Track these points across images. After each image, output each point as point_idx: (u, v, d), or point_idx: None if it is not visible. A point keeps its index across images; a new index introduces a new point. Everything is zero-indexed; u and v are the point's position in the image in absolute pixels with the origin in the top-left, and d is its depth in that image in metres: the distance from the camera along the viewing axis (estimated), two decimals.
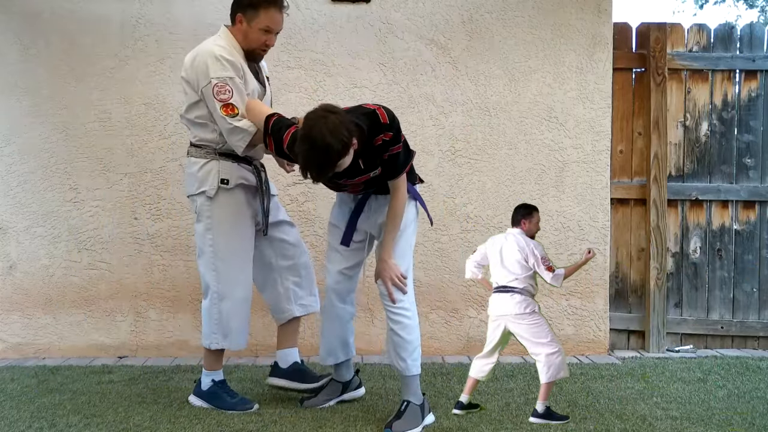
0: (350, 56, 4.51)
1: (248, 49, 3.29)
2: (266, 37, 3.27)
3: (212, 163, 3.29)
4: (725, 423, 3.19)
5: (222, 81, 3.15)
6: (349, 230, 3.26)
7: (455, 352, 4.52)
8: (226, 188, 3.28)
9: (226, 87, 3.16)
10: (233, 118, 3.16)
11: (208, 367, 3.42)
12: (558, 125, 4.58)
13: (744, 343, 4.78)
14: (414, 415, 3.09)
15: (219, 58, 3.17)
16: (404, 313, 3.13)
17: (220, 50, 3.20)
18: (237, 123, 3.16)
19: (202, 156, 3.31)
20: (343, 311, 3.35)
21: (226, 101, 3.15)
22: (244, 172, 3.34)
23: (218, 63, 3.16)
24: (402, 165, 3.06)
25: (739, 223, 4.78)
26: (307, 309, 3.59)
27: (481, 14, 4.54)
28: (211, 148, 3.30)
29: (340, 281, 3.31)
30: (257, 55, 3.34)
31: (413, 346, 3.15)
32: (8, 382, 3.87)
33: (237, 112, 3.17)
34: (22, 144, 4.48)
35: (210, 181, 3.27)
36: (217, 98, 3.15)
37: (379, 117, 2.94)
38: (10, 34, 4.45)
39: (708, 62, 4.75)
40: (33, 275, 4.49)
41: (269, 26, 3.25)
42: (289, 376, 3.50)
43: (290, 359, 3.54)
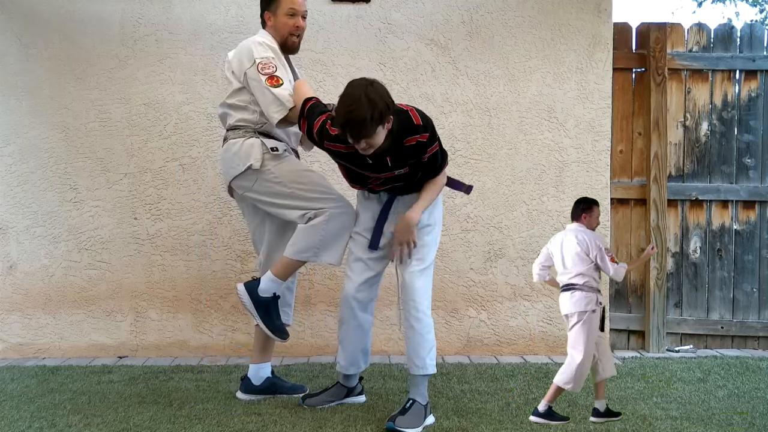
0: (350, 56, 4.51)
1: (282, 40, 3.40)
2: (293, 20, 3.38)
3: (253, 138, 3.33)
4: (725, 423, 3.20)
5: (265, 59, 3.26)
6: (377, 232, 3.25)
7: (455, 352, 4.52)
8: (276, 154, 3.31)
9: (269, 63, 3.26)
10: (276, 87, 3.22)
11: (280, 273, 3.30)
12: (558, 125, 4.58)
13: (744, 343, 4.78)
14: (418, 414, 3.10)
15: (261, 43, 3.32)
16: (425, 311, 3.16)
17: (261, 39, 3.35)
18: (278, 91, 3.22)
19: (241, 135, 3.34)
20: (365, 321, 3.33)
21: (271, 74, 3.24)
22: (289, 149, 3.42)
23: (260, 46, 3.30)
24: (441, 164, 3.13)
25: (739, 223, 4.78)
26: (287, 318, 3.56)
27: (481, 14, 4.54)
28: (251, 128, 3.35)
29: (362, 290, 3.28)
30: (291, 44, 3.43)
31: (430, 345, 3.17)
32: (8, 382, 3.87)
33: (281, 82, 3.24)
34: (22, 144, 4.48)
35: (254, 154, 3.29)
36: (262, 72, 3.24)
37: (411, 118, 2.97)
38: (10, 34, 4.45)
39: (708, 62, 4.75)
40: (33, 275, 4.49)
41: (292, 8, 3.38)
42: (263, 392, 3.51)
43: (263, 375, 3.53)
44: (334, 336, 4.41)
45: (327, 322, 4.50)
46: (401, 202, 3.23)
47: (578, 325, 3.14)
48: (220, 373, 4.05)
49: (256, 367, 3.54)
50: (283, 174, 3.31)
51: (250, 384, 3.53)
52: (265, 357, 3.57)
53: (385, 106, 2.83)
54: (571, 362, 3.14)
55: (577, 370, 3.12)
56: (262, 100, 3.26)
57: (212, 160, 4.46)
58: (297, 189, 3.30)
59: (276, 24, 3.38)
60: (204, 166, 4.48)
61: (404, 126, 2.96)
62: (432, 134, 3.02)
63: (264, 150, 3.30)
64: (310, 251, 3.29)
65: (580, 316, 3.14)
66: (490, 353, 4.55)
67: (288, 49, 3.43)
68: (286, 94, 3.23)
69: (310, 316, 4.53)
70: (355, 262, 3.30)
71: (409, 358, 3.18)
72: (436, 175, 3.16)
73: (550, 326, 4.59)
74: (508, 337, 4.58)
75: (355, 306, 3.29)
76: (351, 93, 2.84)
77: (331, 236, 3.29)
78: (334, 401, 3.42)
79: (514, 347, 4.59)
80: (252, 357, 3.60)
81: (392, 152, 3.00)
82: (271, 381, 3.56)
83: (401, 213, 3.19)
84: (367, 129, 2.82)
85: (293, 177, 3.32)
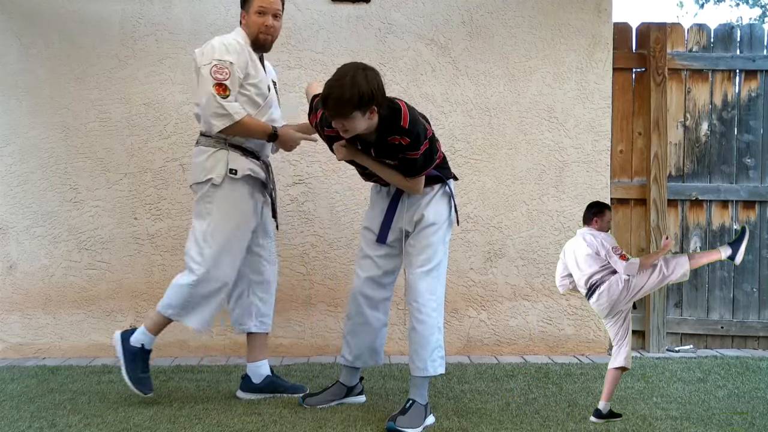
0: (350, 56, 4.50)
1: (253, 37, 3.41)
2: (262, 19, 3.39)
3: (221, 152, 3.34)
4: (725, 423, 3.20)
5: (223, 63, 3.25)
6: (386, 226, 3.24)
7: (455, 352, 4.52)
8: (233, 177, 3.33)
9: (224, 68, 3.25)
10: (224, 98, 3.23)
11: (151, 327, 3.37)
12: (558, 125, 4.58)
13: (744, 343, 4.78)
14: (418, 415, 3.09)
15: (227, 44, 3.31)
16: (429, 313, 3.14)
17: (231, 40, 3.35)
18: (224, 102, 3.23)
19: (211, 145, 3.35)
20: (373, 318, 3.32)
21: (221, 81, 3.24)
22: (253, 165, 3.39)
23: (224, 48, 3.30)
24: (419, 169, 3.08)
25: (739, 223, 4.78)
26: (266, 327, 3.60)
27: (481, 14, 4.54)
28: (222, 138, 3.34)
29: (371, 288, 3.28)
30: (263, 42, 3.43)
31: (432, 347, 3.15)
32: (8, 382, 3.87)
33: (228, 93, 3.24)
34: (22, 144, 4.48)
35: (218, 170, 3.32)
36: (213, 76, 3.23)
37: (400, 118, 2.94)
38: (10, 34, 4.45)
39: (708, 62, 4.75)
40: (33, 275, 4.49)
41: (262, 6, 3.39)
42: (263, 390, 3.52)
43: (263, 372, 3.55)
44: (334, 336, 4.42)
45: (327, 322, 4.50)
46: (411, 197, 3.21)
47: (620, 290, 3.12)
48: (220, 373, 4.05)
49: (254, 366, 3.56)
50: (219, 208, 3.34)
51: (249, 382, 3.54)
52: (260, 355, 3.59)
53: (369, 92, 2.80)
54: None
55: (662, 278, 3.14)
56: (204, 104, 3.26)
57: None
58: (210, 231, 3.34)
59: (248, 22, 3.41)
60: None
61: (391, 123, 2.94)
62: (414, 141, 2.96)
63: (226, 169, 3.32)
64: (174, 309, 3.36)
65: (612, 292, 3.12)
66: (490, 353, 4.55)
67: (260, 47, 3.44)
68: (235, 105, 3.26)
69: (310, 316, 4.53)
70: (363, 258, 3.31)
71: (411, 358, 3.18)
72: (411, 176, 3.09)
73: (550, 326, 4.59)
74: (508, 337, 4.58)
75: (362, 302, 3.29)
76: (341, 70, 2.86)
77: (196, 301, 3.34)
78: (334, 401, 3.41)
79: (514, 347, 4.59)
80: (248, 356, 3.61)
81: (377, 145, 3.00)
82: (270, 379, 3.57)
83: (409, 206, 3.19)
84: (344, 108, 2.81)
85: (221, 219, 3.34)
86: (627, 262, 3.13)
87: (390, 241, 3.26)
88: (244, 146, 3.38)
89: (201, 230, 3.36)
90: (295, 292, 4.51)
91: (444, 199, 3.24)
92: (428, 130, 3.06)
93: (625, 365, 3.18)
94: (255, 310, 3.57)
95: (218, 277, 3.36)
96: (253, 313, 3.57)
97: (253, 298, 3.57)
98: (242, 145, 3.37)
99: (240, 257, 3.43)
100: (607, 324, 3.24)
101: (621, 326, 3.19)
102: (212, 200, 3.35)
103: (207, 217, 3.35)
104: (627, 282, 3.11)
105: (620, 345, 3.19)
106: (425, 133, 3.01)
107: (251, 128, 3.33)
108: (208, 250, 3.33)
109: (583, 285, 3.19)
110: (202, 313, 3.38)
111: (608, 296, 3.12)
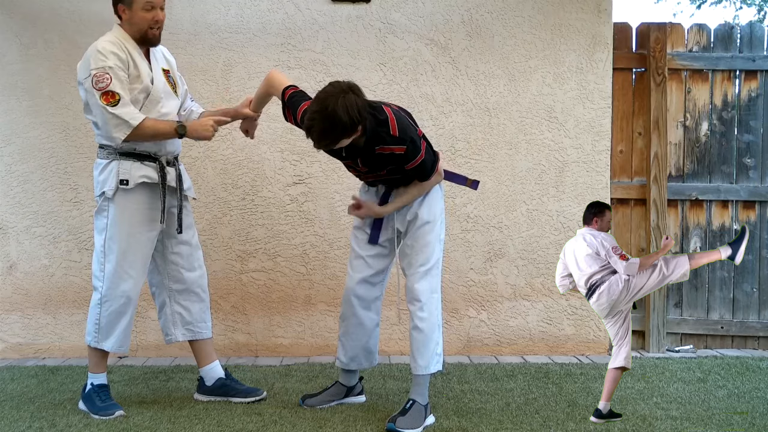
0: (350, 56, 4.51)
1: (139, 34, 3.24)
2: (151, 14, 3.22)
3: (113, 164, 3.24)
4: (725, 423, 3.20)
5: (101, 70, 3.11)
6: (377, 226, 3.24)
7: (455, 352, 4.52)
8: (125, 188, 3.22)
9: (104, 75, 3.11)
10: (114, 106, 3.10)
11: (92, 368, 3.35)
12: (558, 125, 4.58)
13: (744, 343, 4.78)
14: (418, 415, 3.10)
15: (101, 50, 3.16)
16: (431, 311, 3.15)
17: (104, 44, 3.19)
18: (116, 110, 3.10)
19: (104, 157, 3.26)
20: (366, 319, 3.33)
21: (104, 89, 3.10)
22: (148, 170, 3.26)
23: (99, 55, 3.14)
24: (430, 169, 3.09)
25: (739, 223, 4.78)
26: (195, 335, 3.51)
27: (481, 14, 4.54)
28: (112, 149, 3.24)
29: (363, 288, 3.29)
30: (152, 37, 3.27)
31: (434, 344, 3.16)
32: (8, 382, 3.87)
33: (118, 98, 3.11)
34: (22, 144, 4.47)
35: (110, 182, 3.22)
36: (96, 87, 3.11)
37: (389, 127, 2.93)
38: (10, 34, 4.45)
39: (708, 62, 4.75)
40: (33, 275, 4.49)
41: (150, 2, 3.21)
42: (215, 392, 3.49)
43: (214, 375, 3.51)
44: (334, 336, 4.41)
45: (327, 322, 4.50)
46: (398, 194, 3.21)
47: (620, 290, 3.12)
48: None
49: (204, 369, 3.52)
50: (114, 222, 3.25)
51: (203, 384, 3.51)
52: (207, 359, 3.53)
53: (349, 121, 2.78)
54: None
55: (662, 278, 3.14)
56: (100, 119, 3.17)
57: (212, 160, 4.46)
58: (107, 246, 3.27)
59: (132, 19, 3.21)
60: (203, 167, 4.48)
61: (378, 133, 2.92)
62: (412, 147, 2.96)
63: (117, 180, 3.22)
64: (92, 335, 3.32)
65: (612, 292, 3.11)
66: (490, 353, 4.55)
67: (149, 41, 3.29)
68: (129, 110, 3.12)
69: (310, 316, 4.53)
70: (356, 259, 3.31)
71: (413, 357, 3.18)
72: (427, 179, 3.12)
73: (550, 326, 4.59)
74: (508, 337, 4.58)
75: (355, 303, 3.29)
76: (320, 100, 2.82)
77: (107, 322, 3.29)
78: (333, 401, 3.41)
79: (514, 347, 4.59)
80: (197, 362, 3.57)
81: (363, 155, 2.99)
82: (222, 382, 3.50)
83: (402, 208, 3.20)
84: (326, 140, 2.84)
85: (115, 232, 3.25)
86: (627, 262, 3.13)
87: (382, 241, 3.27)
88: (137, 151, 3.24)
89: (99, 245, 3.29)
90: (295, 292, 4.51)
91: (436, 196, 3.23)
92: (417, 130, 3.07)
93: (625, 365, 3.18)
94: (179, 319, 3.49)
95: (122, 292, 3.28)
96: (177, 321, 3.49)
97: (175, 306, 3.48)
98: (134, 150, 3.23)
99: (142, 269, 3.33)
100: (607, 324, 3.24)
101: (621, 326, 3.19)
102: (107, 214, 3.25)
103: (102, 232, 3.27)
104: (627, 282, 3.11)
105: (620, 345, 3.19)
106: (417, 135, 3.02)
107: (155, 130, 3.19)
108: (108, 265, 3.27)
109: (583, 285, 3.19)
110: (116, 334, 3.31)
111: (608, 296, 3.12)
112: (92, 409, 3.27)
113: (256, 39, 4.48)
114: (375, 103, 3.00)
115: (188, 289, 3.48)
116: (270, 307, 4.51)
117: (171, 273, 3.46)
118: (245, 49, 4.47)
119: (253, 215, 4.48)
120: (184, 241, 3.46)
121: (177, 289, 3.48)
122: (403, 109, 3.16)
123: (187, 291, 3.49)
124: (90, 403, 3.30)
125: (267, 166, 4.46)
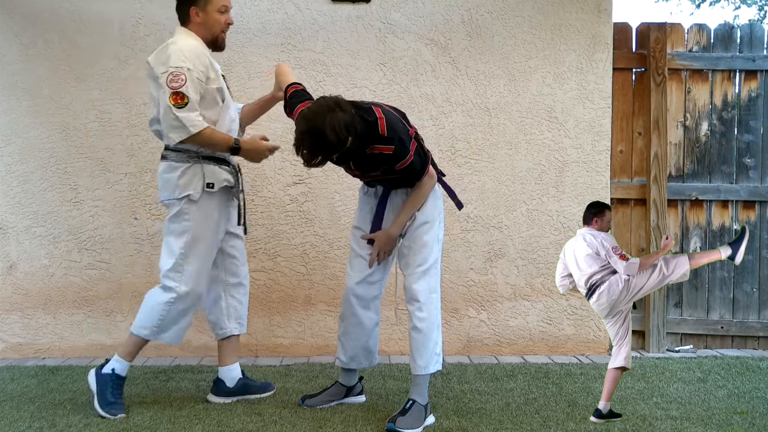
0: (350, 56, 4.51)
1: (212, 38, 3.29)
2: (225, 16, 3.28)
3: (196, 167, 3.24)
4: (725, 423, 3.20)
5: (179, 70, 3.11)
6: (377, 225, 3.25)
7: (455, 352, 4.52)
8: (210, 191, 3.26)
9: (181, 75, 3.10)
10: (180, 108, 3.10)
11: (124, 353, 3.32)
12: (558, 125, 4.58)
13: (744, 343, 4.78)
14: (418, 415, 3.10)
15: (183, 49, 3.16)
16: (431, 311, 3.15)
17: (187, 44, 3.20)
18: (181, 113, 3.10)
19: (183, 160, 3.24)
20: (366, 318, 3.33)
21: (176, 89, 3.09)
22: (226, 174, 3.32)
23: (180, 54, 3.14)
24: (420, 170, 3.09)
25: (739, 223, 4.78)
26: (242, 327, 3.57)
27: (481, 14, 4.54)
28: (193, 152, 3.25)
29: (363, 288, 3.29)
30: (221, 41, 3.33)
31: (434, 343, 3.16)
32: (8, 382, 3.87)
33: (186, 101, 3.10)
34: (22, 144, 4.47)
35: (194, 185, 3.24)
36: (169, 86, 3.10)
37: (378, 127, 2.94)
38: (10, 34, 4.45)
39: (708, 62, 4.75)
40: (33, 275, 4.49)
41: (225, 5, 3.27)
42: (236, 393, 3.49)
43: (235, 376, 3.52)
44: (334, 336, 4.41)
45: (327, 322, 4.50)
46: (397, 195, 3.22)
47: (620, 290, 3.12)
48: None
49: (226, 370, 3.52)
50: (198, 224, 3.27)
51: (223, 386, 3.51)
52: (232, 358, 3.54)
53: (336, 140, 2.79)
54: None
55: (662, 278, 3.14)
56: (163, 116, 3.17)
57: None
58: (189, 248, 3.28)
59: (207, 22, 3.25)
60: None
61: (369, 134, 2.93)
62: (400, 147, 2.96)
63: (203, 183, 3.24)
64: (149, 329, 3.32)
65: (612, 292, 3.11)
66: (490, 353, 4.55)
67: (218, 46, 3.33)
68: (192, 116, 3.12)
69: (310, 316, 4.53)
70: (355, 258, 3.31)
71: (412, 357, 3.18)
72: (419, 179, 3.12)
73: (550, 326, 4.59)
74: (508, 337, 4.58)
75: (355, 302, 3.29)
76: (309, 121, 2.82)
77: (171, 319, 3.32)
78: (333, 401, 3.42)
79: (514, 347, 4.59)
80: (220, 360, 3.56)
81: (355, 157, 3.00)
82: (243, 381, 3.53)
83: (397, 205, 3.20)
84: (317, 159, 2.86)
85: (199, 234, 3.28)
86: (627, 262, 3.13)
87: None
88: (216, 155, 3.29)
89: (178, 247, 3.27)
90: (295, 292, 4.51)
91: (433, 197, 3.23)
92: (410, 130, 3.07)
93: (625, 365, 3.18)
94: (233, 312, 3.52)
95: (200, 291, 3.34)
96: (232, 315, 3.52)
97: (231, 300, 3.52)
98: (213, 154, 3.28)
99: (210, 268, 3.39)
100: (607, 324, 3.24)
101: (621, 326, 3.20)
102: (190, 217, 3.26)
103: (184, 234, 3.27)
104: (627, 282, 3.11)
105: (620, 345, 3.20)
106: (407, 134, 3.02)
107: (212, 141, 3.20)
108: (188, 267, 3.28)
109: (583, 285, 3.20)
110: (179, 328, 3.35)
111: (608, 296, 3.12)
112: (100, 399, 3.25)
113: (256, 39, 4.48)
114: (365, 105, 3.01)
115: (241, 282, 3.55)
116: (270, 307, 4.51)
117: (228, 267, 3.51)
118: (245, 49, 4.47)
119: (253, 215, 4.48)
120: (239, 236, 3.53)
121: (233, 283, 3.53)
122: (397, 110, 3.16)
123: (240, 284, 3.55)
124: (101, 388, 3.27)
125: (267, 166, 4.46)
